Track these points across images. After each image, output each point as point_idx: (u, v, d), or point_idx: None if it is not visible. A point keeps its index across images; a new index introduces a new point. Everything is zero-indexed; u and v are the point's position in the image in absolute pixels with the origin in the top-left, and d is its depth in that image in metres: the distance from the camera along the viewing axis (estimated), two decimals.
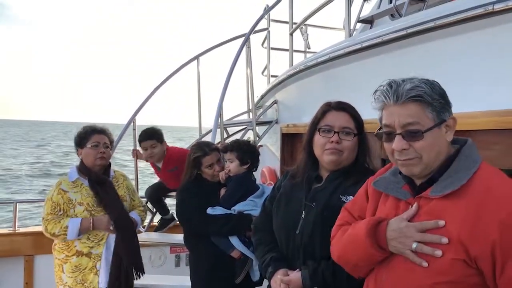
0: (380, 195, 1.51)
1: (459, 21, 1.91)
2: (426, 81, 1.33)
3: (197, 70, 5.14)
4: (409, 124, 1.30)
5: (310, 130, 1.93)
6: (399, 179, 1.45)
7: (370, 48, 2.64)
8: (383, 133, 1.37)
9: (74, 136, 3.08)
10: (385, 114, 1.35)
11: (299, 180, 1.94)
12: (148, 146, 3.86)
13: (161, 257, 4.70)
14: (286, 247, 1.91)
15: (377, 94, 1.37)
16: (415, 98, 1.29)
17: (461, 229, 1.22)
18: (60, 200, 2.87)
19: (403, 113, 1.30)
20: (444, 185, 1.30)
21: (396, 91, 1.31)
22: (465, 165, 1.31)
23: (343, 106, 1.90)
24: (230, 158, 2.84)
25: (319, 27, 5.52)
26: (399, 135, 1.31)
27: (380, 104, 1.36)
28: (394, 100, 1.31)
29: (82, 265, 2.86)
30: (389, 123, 1.34)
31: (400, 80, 1.34)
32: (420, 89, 1.29)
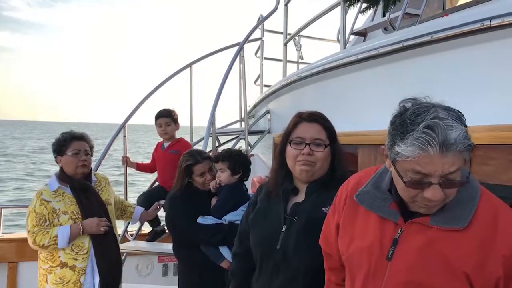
0: (358, 206, 1.38)
1: (456, 35, 1.91)
2: (458, 118, 1.15)
3: (190, 78, 5.13)
4: (451, 173, 1.13)
5: (282, 142, 1.91)
6: (386, 196, 1.32)
7: (364, 61, 2.64)
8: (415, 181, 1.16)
9: (53, 143, 2.99)
10: (422, 162, 1.12)
11: (275, 194, 1.91)
12: (163, 123, 4.13)
13: (148, 266, 4.63)
14: (265, 262, 1.86)
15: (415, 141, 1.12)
16: (465, 149, 1.12)
17: (466, 264, 1.17)
18: (44, 211, 2.78)
19: (448, 163, 1.11)
20: (447, 216, 1.21)
21: (446, 142, 1.09)
22: (468, 194, 1.22)
23: (314, 118, 1.87)
24: (222, 168, 2.81)
25: (312, 38, 5.55)
26: (437, 184, 1.14)
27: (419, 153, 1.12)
28: (441, 150, 1.10)
29: (66, 277, 2.78)
30: (427, 172, 1.13)
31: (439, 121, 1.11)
32: (468, 137, 1.12)
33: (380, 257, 1.28)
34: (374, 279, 1.29)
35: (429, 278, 1.19)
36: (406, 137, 1.13)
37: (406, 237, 1.25)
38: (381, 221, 1.31)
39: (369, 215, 1.35)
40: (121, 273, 3.05)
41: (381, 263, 1.27)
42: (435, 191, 1.15)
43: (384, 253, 1.27)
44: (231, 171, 2.80)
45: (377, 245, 1.29)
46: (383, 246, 1.28)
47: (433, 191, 1.15)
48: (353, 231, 1.39)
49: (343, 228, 1.44)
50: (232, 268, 2.16)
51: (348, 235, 1.41)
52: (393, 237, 1.27)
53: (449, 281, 1.17)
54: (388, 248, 1.27)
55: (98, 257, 2.84)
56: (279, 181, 1.91)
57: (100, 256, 2.84)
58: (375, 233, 1.31)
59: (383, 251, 1.28)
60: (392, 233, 1.28)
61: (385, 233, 1.29)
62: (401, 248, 1.25)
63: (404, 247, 1.25)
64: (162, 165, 4.16)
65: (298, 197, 1.87)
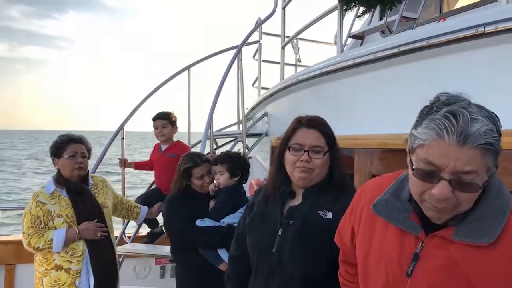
0: (377, 217, 1.28)
1: (451, 41, 1.93)
2: (490, 117, 1.04)
3: (188, 80, 5.13)
4: (465, 173, 1.01)
5: (281, 147, 1.90)
6: (406, 206, 1.20)
7: (362, 65, 2.66)
8: (423, 171, 1.06)
9: (50, 145, 2.99)
10: (435, 151, 1.03)
11: (273, 197, 1.91)
12: (160, 125, 4.08)
13: (145, 268, 4.63)
14: (261, 266, 1.86)
15: (433, 123, 1.03)
16: (486, 146, 1.00)
17: (492, 286, 1.07)
18: (40, 213, 2.78)
19: (463, 159, 1.00)
20: (471, 229, 1.09)
21: (466, 132, 0.99)
22: (497, 207, 1.10)
23: (313, 123, 1.86)
24: (220, 171, 2.82)
25: (310, 41, 5.57)
26: (446, 181, 1.03)
27: (431, 136, 1.03)
28: (458, 140, 0.99)
29: (61, 280, 2.78)
30: (438, 163, 1.03)
31: (463, 109, 1.02)
32: (493, 136, 1.01)
33: (400, 273, 1.19)
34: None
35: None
36: (426, 121, 1.05)
37: (427, 252, 1.16)
38: (401, 234, 1.21)
39: (388, 226, 1.25)
40: (117, 276, 3.04)
41: (401, 279, 1.19)
42: (443, 187, 1.03)
43: (404, 269, 1.18)
44: (230, 174, 2.80)
45: (395, 260, 1.20)
46: (402, 261, 1.19)
47: (440, 187, 1.03)
48: (371, 243, 1.30)
49: (361, 239, 1.35)
50: (229, 271, 2.16)
51: (365, 247, 1.32)
52: (414, 252, 1.17)
53: None
54: (408, 263, 1.18)
55: (93, 259, 2.84)
56: (276, 185, 1.91)
57: (95, 258, 2.84)
58: (394, 247, 1.21)
59: (403, 267, 1.18)
60: (413, 248, 1.18)
61: (404, 247, 1.19)
62: (422, 265, 1.16)
63: (425, 263, 1.15)
64: (159, 168, 4.15)
65: (295, 201, 1.87)
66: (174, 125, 4.16)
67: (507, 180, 1.61)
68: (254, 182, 4.63)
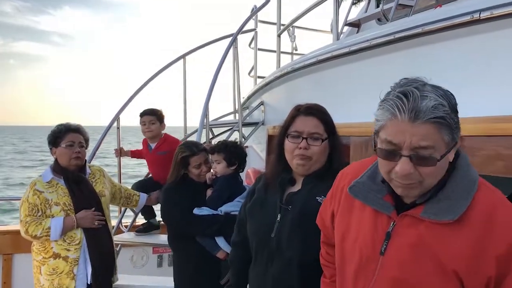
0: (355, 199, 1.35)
1: (446, 28, 1.93)
2: (443, 94, 1.11)
3: (183, 69, 5.10)
4: (422, 148, 1.09)
5: (280, 135, 1.92)
6: (380, 187, 1.27)
7: (358, 52, 2.65)
8: (385, 150, 1.14)
9: (48, 134, 3.00)
10: (392, 130, 1.11)
11: (273, 184, 1.93)
12: (147, 121, 3.94)
13: (143, 258, 4.65)
14: (261, 251, 1.89)
15: (387, 104, 1.12)
16: (436, 119, 1.07)
17: (458, 263, 1.12)
18: (37, 201, 2.80)
19: (418, 134, 1.07)
20: (439, 208, 1.15)
21: (415, 108, 1.07)
22: (464, 186, 1.16)
23: (312, 111, 1.88)
24: (217, 160, 2.82)
25: (306, 29, 5.54)
26: (406, 157, 1.10)
27: (387, 116, 1.12)
28: (410, 117, 1.07)
29: (59, 268, 2.80)
30: (396, 141, 1.10)
31: (415, 89, 1.09)
32: (443, 109, 1.08)
33: (373, 251, 1.25)
34: (365, 272, 1.27)
35: (418, 277, 1.17)
36: (382, 103, 1.15)
37: (398, 231, 1.22)
38: (375, 214, 1.28)
39: (365, 207, 1.31)
40: (114, 264, 3.06)
41: (374, 257, 1.25)
42: (404, 163, 1.11)
43: (377, 247, 1.25)
44: (227, 163, 2.81)
45: (369, 239, 1.27)
46: (375, 240, 1.26)
47: (402, 163, 1.11)
48: (348, 224, 1.36)
49: (339, 221, 1.42)
50: (231, 256, 2.20)
51: (343, 228, 1.38)
52: (386, 231, 1.24)
53: (438, 281, 1.14)
54: (381, 242, 1.24)
55: (90, 248, 2.85)
56: (276, 172, 1.93)
57: (92, 247, 2.86)
58: (369, 227, 1.28)
59: (376, 246, 1.25)
60: (385, 227, 1.24)
61: (378, 226, 1.26)
62: (394, 243, 1.22)
63: (396, 241, 1.21)
64: (153, 166, 4.07)
65: (295, 187, 1.90)
66: (162, 122, 4.03)
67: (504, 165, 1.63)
68: (251, 171, 4.65)
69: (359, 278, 1.29)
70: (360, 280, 1.28)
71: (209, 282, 2.69)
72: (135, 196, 3.53)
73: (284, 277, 1.79)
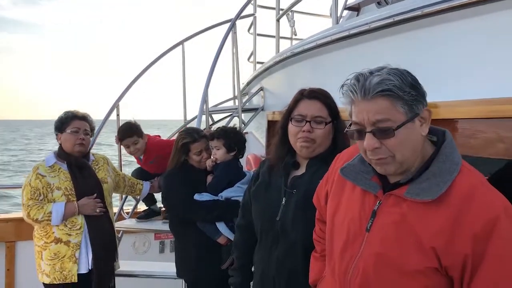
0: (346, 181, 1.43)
1: (446, 10, 1.91)
2: (395, 72, 1.21)
3: (182, 55, 5.07)
4: (379, 121, 1.20)
5: (283, 119, 1.94)
6: (368, 169, 1.36)
7: (357, 36, 2.63)
8: (354, 131, 1.26)
9: (55, 120, 3.03)
10: (354, 111, 1.24)
11: (277, 167, 1.95)
12: (131, 144, 3.62)
13: (145, 244, 4.68)
14: (265, 234, 1.92)
15: (344, 89, 1.26)
16: (384, 92, 1.18)
17: (436, 240, 1.18)
18: (39, 185, 2.83)
19: (372, 109, 1.19)
20: (422, 188, 1.22)
21: (364, 86, 1.19)
22: (445, 168, 1.23)
23: (315, 95, 1.89)
24: (217, 146, 2.83)
25: (305, 13, 5.48)
26: (369, 133, 1.22)
27: (348, 100, 1.25)
28: (362, 95, 1.20)
29: (61, 253, 2.83)
30: (358, 120, 1.23)
31: (368, 72, 1.23)
32: (389, 82, 1.18)
33: (360, 228, 1.33)
34: (352, 247, 1.34)
35: (399, 253, 1.23)
36: (341, 90, 1.28)
37: (383, 210, 1.29)
38: (363, 194, 1.36)
39: (355, 188, 1.39)
40: (115, 250, 3.09)
41: (360, 233, 1.33)
42: (368, 139, 1.22)
43: (364, 225, 1.32)
44: (226, 149, 2.82)
45: (357, 217, 1.35)
46: (362, 218, 1.33)
47: (366, 139, 1.23)
48: (339, 204, 1.44)
49: (331, 199, 1.49)
50: (235, 239, 2.23)
51: (334, 207, 1.46)
52: (372, 209, 1.32)
53: (417, 257, 1.20)
54: (367, 219, 1.32)
55: (91, 233, 2.88)
56: (280, 156, 1.95)
57: (93, 232, 2.88)
58: (357, 206, 1.36)
59: (363, 223, 1.33)
60: (372, 206, 1.32)
61: (365, 205, 1.34)
62: (379, 221, 1.29)
63: (381, 219, 1.29)
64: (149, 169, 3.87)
65: (299, 171, 1.92)
66: (143, 134, 3.70)
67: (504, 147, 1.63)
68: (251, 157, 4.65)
69: (346, 252, 1.36)
70: (347, 254, 1.35)
71: (210, 268, 2.72)
72: (139, 185, 3.57)
73: (288, 259, 1.82)
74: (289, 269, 1.82)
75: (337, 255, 1.39)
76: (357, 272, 1.30)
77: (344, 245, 1.37)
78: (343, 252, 1.37)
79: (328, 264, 1.47)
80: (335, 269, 1.40)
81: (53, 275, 2.82)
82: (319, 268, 1.66)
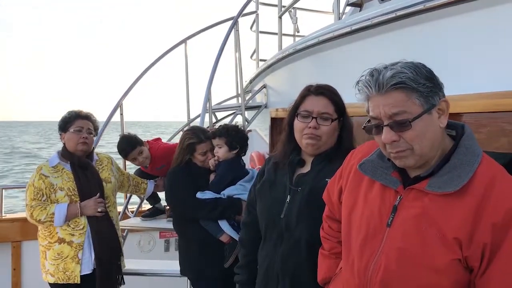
0: (364, 176, 1.43)
1: (448, 3, 1.89)
2: (410, 65, 1.22)
3: (185, 53, 5.07)
4: (395, 114, 1.20)
5: (290, 115, 1.93)
6: (388, 164, 1.36)
7: (360, 31, 2.62)
8: (372, 126, 1.27)
9: (59, 120, 3.04)
10: (371, 106, 1.25)
11: (282, 165, 1.94)
12: (136, 155, 3.51)
13: (150, 242, 4.70)
14: (270, 231, 1.92)
15: (359, 85, 1.27)
16: (398, 85, 1.19)
17: (459, 231, 1.18)
18: (42, 185, 2.84)
19: (387, 103, 1.20)
20: (443, 181, 1.22)
21: (378, 80, 1.21)
22: (466, 160, 1.23)
23: (322, 91, 1.89)
24: (219, 144, 2.83)
25: (308, 10, 5.47)
26: (386, 126, 1.22)
27: (364, 96, 1.27)
28: (376, 90, 1.21)
29: (64, 253, 2.83)
30: (375, 115, 1.24)
31: (382, 67, 1.24)
32: (402, 75, 1.19)
33: (380, 224, 1.32)
34: (372, 243, 1.32)
35: (422, 247, 1.22)
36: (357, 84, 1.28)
37: (404, 204, 1.28)
38: (383, 189, 1.35)
39: (373, 183, 1.39)
40: (119, 250, 3.08)
41: (381, 229, 1.31)
42: (385, 132, 1.23)
43: (384, 220, 1.31)
44: (228, 147, 2.81)
45: (377, 213, 1.33)
46: (382, 213, 1.32)
47: (384, 133, 1.23)
48: (356, 199, 1.43)
49: (347, 196, 1.48)
50: (241, 236, 2.23)
51: (351, 203, 1.45)
52: (393, 205, 1.31)
53: (441, 250, 1.19)
54: (388, 215, 1.31)
55: (93, 234, 2.88)
56: (286, 153, 1.95)
57: (94, 233, 2.89)
58: (377, 201, 1.35)
59: (383, 218, 1.32)
60: (392, 201, 1.31)
61: (385, 200, 1.33)
62: (400, 216, 1.28)
63: (402, 214, 1.28)
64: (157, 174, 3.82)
65: (304, 169, 1.91)
66: (144, 143, 3.61)
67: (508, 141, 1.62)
68: (255, 154, 4.66)
69: (365, 248, 1.34)
70: (367, 250, 1.34)
71: (213, 266, 2.72)
72: (143, 184, 3.58)
73: (292, 256, 1.81)
74: (293, 266, 1.81)
75: (356, 251, 1.38)
76: (379, 268, 1.29)
77: (363, 241, 1.36)
78: (363, 248, 1.35)
79: (346, 261, 1.45)
80: (354, 266, 1.38)
81: (57, 274, 2.83)
82: (328, 266, 1.65)
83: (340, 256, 1.56)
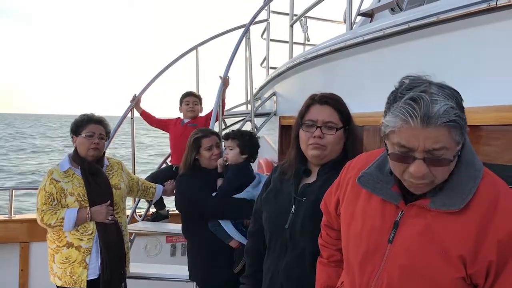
0: (362, 189, 1.37)
1: (461, 16, 1.90)
2: (451, 95, 1.13)
3: (196, 60, 5.11)
4: (435, 150, 1.12)
5: (296, 125, 1.92)
6: (388, 178, 1.30)
7: (371, 42, 2.64)
8: (399, 154, 1.16)
9: (71, 123, 3.06)
10: (405, 135, 1.12)
11: (289, 175, 1.93)
12: (191, 101, 4.29)
13: (156, 247, 4.71)
14: (274, 241, 1.91)
15: (397, 111, 1.13)
16: (449, 123, 1.10)
17: (463, 248, 1.15)
18: (53, 190, 2.86)
19: (430, 138, 1.10)
20: (447, 198, 1.19)
21: (427, 114, 1.09)
22: (468, 175, 1.20)
23: (326, 100, 1.87)
24: (230, 146, 2.85)
25: (319, 19, 5.49)
26: (420, 160, 1.13)
27: (400, 123, 1.12)
28: (421, 123, 1.09)
29: (72, 257, 2.85)
30: (410, 146, 1.13)
31: (423, 93, 1.11)
32: (453, 112, 1.10)
33: (381, 240, 1.28)
34: (373, 259, 1.29)
35: (425, 264, 1.20)
36: (392, 109, 1.15)
37: (406, 221, 1.25)
38: (383, 204, 1.31)
39: (371, 197, 1.35)
40: (124, 256, 3.07)
41: (382, 245, 1.28)
42: (418, 166, 1.14)
43: (385, 236, 1.28)
44: (239, 150, 2.83)
45: (377, 228, 1.30)
46: (383, 229, 1.29)
47: (416, 166, 1.14)
48: (353, 213, 1.39)
49: (345, 209, 1.45)
50: (247, 245, 2.22)
51: (348, 217, 1.41)
52: (394, 220, 1.27)
53: (444, 267, 1.17)
54: (389, 230, 1.28)
55: (101, 239, 2.89)
56: (293, 163, 1.93)
57: (101, 239, 2.89)
58: (376, 216, 1.31)
59: (384, 234, 1.28)
60: (393, 216, 1.28)
61: (386, 216, 1.29)
62: (402, 232, 1.25)
63: (404, 230, 1.25)
64: (180, 141, 3.96)
65: (310, 179, 1.89)
66: (201, 106, 4.40)
67: None
68: (263, 161, 4.66)
69: (366, 264, 1.31)
70: (368, 267, 1.31)
71: (222, 271, 2.73)
72: (152, 189, 3.60)
73: (297, 267, 1.80)
74: (297, 277, 1.80)
75: (356, 267, 1.35)
76: (380, 285, 1.26)
77: (363, 256, 1.32)
78: (363, 264, 1.32)
79: (347, 274, 1.42)
80: (355, 281, 1.35)
81: (64, 278, 2.85)
82: (327, 275, 1.64)
83: (339, 264, 1.56)
